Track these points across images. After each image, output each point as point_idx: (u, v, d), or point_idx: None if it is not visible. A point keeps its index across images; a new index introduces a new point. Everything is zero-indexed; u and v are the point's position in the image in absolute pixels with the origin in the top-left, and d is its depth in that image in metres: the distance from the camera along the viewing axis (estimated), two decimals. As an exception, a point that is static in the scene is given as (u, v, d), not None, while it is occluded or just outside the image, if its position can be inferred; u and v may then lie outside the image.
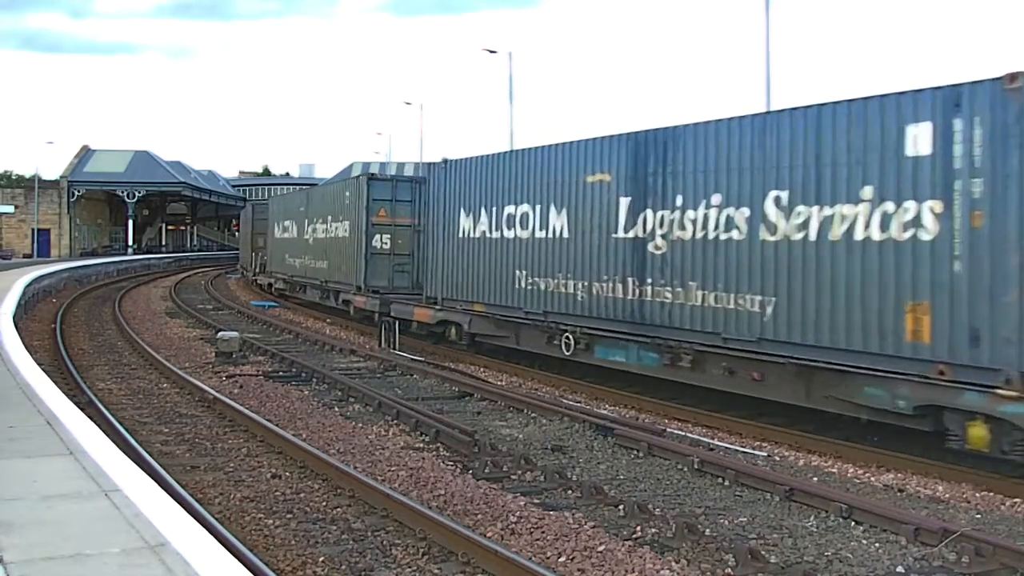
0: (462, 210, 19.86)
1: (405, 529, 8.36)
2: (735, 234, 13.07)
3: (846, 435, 12.39)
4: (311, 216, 31.44)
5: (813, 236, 11.90)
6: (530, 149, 17.95)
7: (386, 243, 25.03)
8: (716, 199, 13.42)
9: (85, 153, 77.40)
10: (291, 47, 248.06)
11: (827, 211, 11.74)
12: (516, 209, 17.94)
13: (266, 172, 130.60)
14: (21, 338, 16.10)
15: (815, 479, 10.66)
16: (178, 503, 6.23)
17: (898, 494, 10.15)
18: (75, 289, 40.80)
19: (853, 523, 8.84)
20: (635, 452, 11.73)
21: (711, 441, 12.57)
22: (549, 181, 16.96)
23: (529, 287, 17.43)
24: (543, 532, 8.37)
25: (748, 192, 12.92)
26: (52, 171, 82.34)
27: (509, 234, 18.12)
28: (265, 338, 23.99)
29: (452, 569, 7.45)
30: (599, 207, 15.67)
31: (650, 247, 14.53)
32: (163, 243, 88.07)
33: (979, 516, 9.35)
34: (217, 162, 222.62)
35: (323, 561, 7.55)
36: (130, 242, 74.35)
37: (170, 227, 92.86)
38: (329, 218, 28.91)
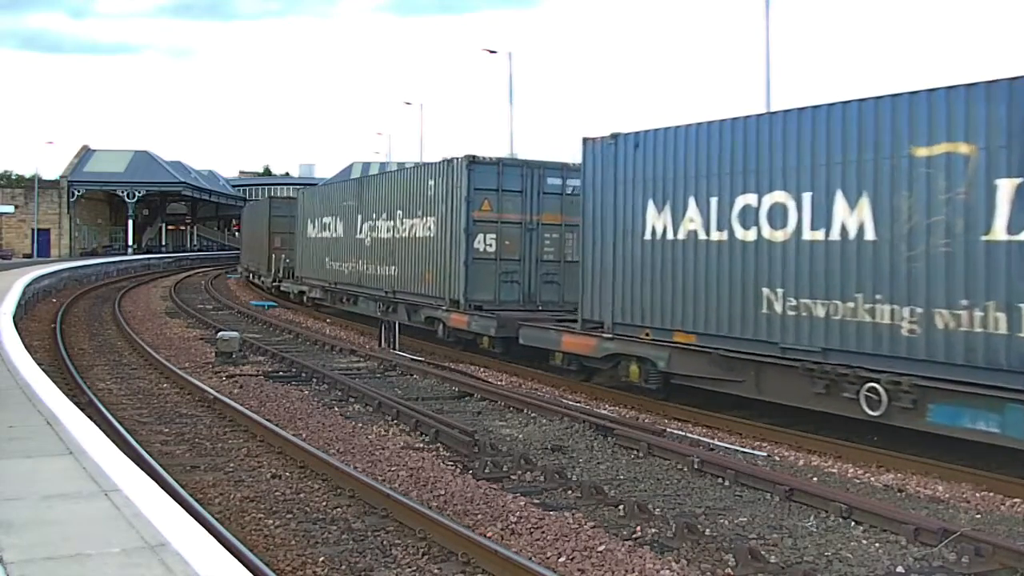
0: (650, 201, 14.82)
1: (405, 529, 8.35)
2: None
3: (846, 435, 12.39)
4: (368, 211, 25.94)
5: None
6: (784, 112, 13.01)
7: (490, 245, 19.90)
8: None
9: (85, 153, 77.42)
10: (292, 47, 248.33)
11: None
12: (760, 199, 13.01)
13: (266, 172, 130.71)
14: (21, 338, 16.11)
15: (815, 479, 10.66)
16: (178, 503, 6.23)
17: (898, 494, 10.15)
18: (75, 289, 40.80)
19: (853, 523, 8.83)
20: (635, 452, 11.72)
21: (711, 441, 12.56)
22: (829, 157, 12.07)
23: (791, 312, 12.48)
24: (543, 532, 8.37)
25: None
26: (52, 171, 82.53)
27: (746, 234, 13.19)
28: (265, 338, 23.98)
29: (452, 569, 7.45)
30: (944, 194, 10.78)
31: None
32: (163, 243, 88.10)
33: (979, 516, 9.36)
34: (217, 162, 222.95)
35: (323, 561, 7.55)
36: (130, 242, 74.38)
37: (170, 227, 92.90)
38: (399, 213, 23.56)
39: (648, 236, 14.95)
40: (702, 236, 13.97)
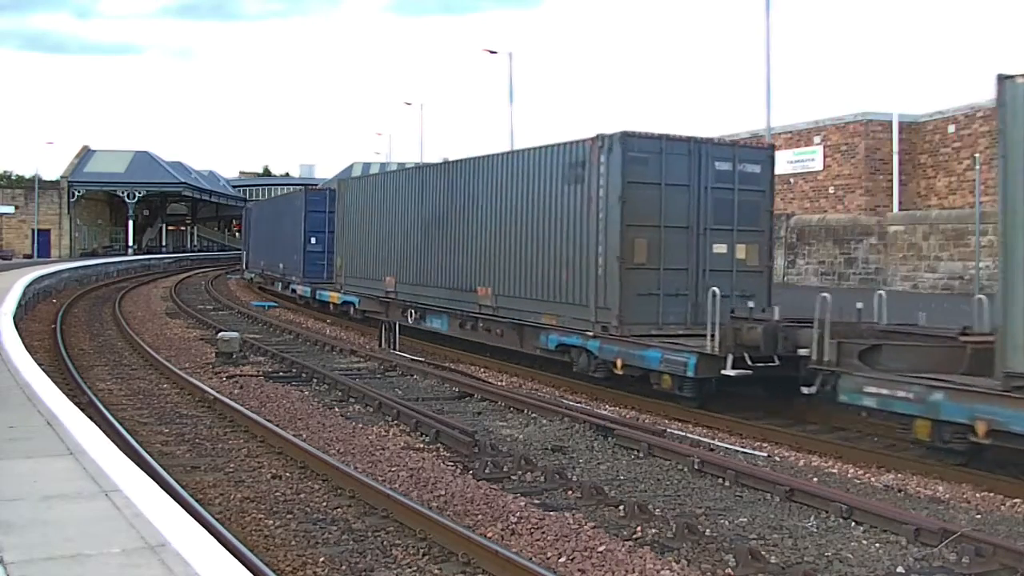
0: None
1: (405, 529, 8.36)
2: None
3: (846, 435, 12.39)
4: None
5: None
6: None
7: None
8: None
9: (85, 153, 77.43)
10: (292, 47, 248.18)
11: None
12: None
13: (266, 172, 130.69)
14: (21, 338, 16.11)
15: (815, 479, 10.65)
16: (178, 503, 6.23)
17: (898, 494, 10.14)
18: (75, 289, 40.81)
19: (853, 523, 8.83)
20: (635, 452, 11.72)
21: (711, 441, 12.56)
22: None
23: None
24: (543, 532, 8.36)
25: None
26: (52, 171, 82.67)
27: None
28: (265, 338, 23.98)
29: (452, 569, 7.46)
30: None
31: None
32: (163, 243, 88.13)
33: (979, 516, 9.35)
34: (217, 162, 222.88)
35: (323, 561, 7.55)
36: (130, 242, 74.40)
37: (170, 227, 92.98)
38: None
39: None
40: None
